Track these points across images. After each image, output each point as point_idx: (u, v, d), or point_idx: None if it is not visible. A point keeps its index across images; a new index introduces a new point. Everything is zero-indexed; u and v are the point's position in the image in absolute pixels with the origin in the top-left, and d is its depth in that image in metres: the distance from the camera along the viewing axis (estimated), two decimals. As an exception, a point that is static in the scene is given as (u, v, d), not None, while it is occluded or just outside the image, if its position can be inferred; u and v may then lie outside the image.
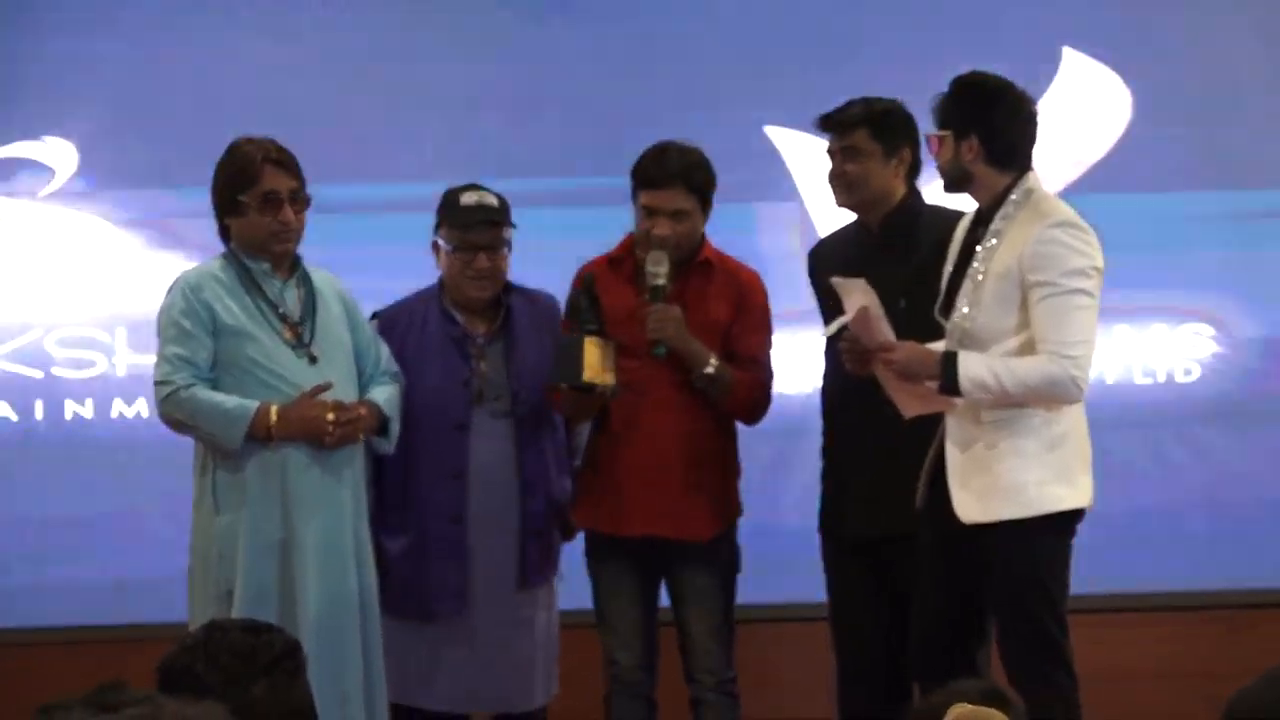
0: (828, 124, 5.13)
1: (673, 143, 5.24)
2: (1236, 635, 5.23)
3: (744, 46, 6.48)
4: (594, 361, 5.02)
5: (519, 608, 5.27)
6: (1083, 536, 4.83)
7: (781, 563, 5.82)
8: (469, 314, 5.30)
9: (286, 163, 4.96)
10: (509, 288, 5.33)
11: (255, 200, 4.92)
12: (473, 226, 5.23)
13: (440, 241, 5.30)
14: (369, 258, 6.02)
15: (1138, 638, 5.58)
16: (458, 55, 6.48)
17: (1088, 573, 4.94)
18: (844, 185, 5.10)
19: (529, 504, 5.25)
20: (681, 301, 5.18)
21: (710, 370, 5.11)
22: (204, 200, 5.13)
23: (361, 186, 6.31)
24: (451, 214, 5.27)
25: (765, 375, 5.28)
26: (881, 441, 5.03)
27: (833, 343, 5.13)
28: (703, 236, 5.30)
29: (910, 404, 4.81)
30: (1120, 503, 5.56)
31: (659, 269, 5.11)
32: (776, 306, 5.37)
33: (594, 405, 5.15)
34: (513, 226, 5.29)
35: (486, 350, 5.28)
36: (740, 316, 5.23)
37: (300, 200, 4.99)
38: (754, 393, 5.23)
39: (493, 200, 5.25)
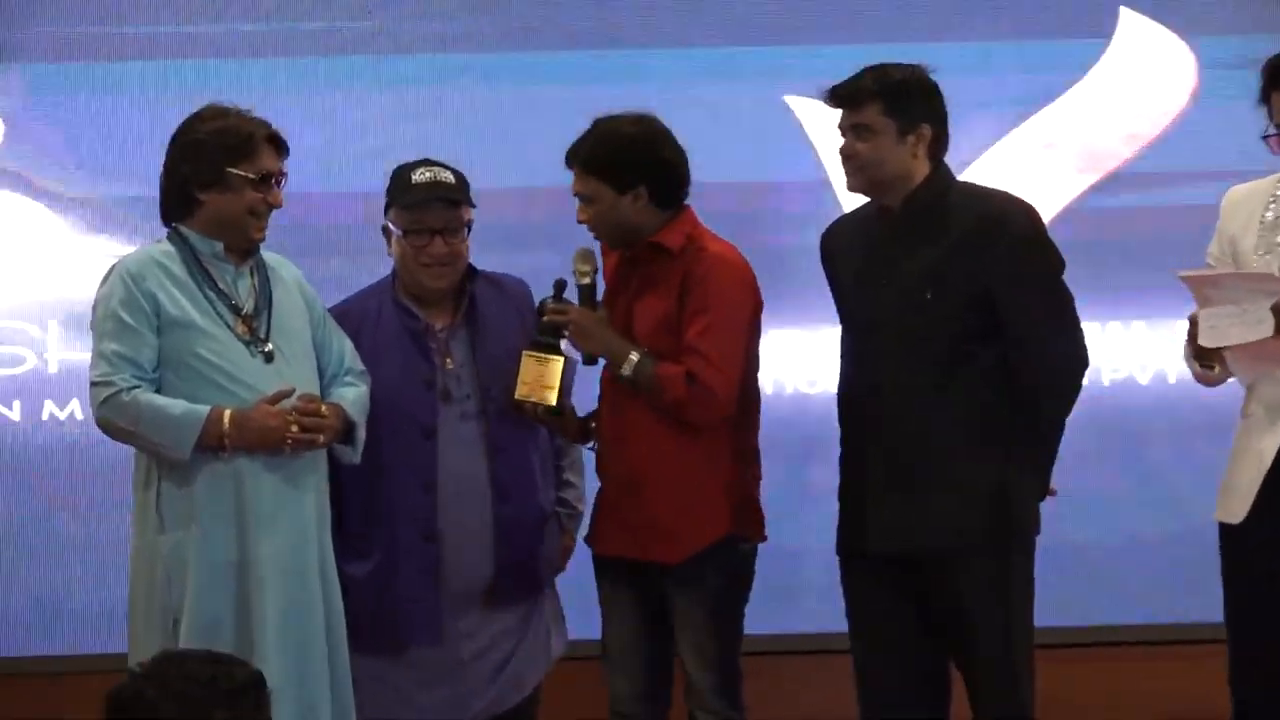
0: (836, 97, 4.85)
1: (600, 122, 5.01)
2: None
3: (762, 9, 6.36)
4: (528, 378, 4.89)
5: (503, 617, 5.03)
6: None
7: (800, 589, 5.71)
8: (427, 305, 5.02)
9: (280, 144, 4.83)
10: (472, 273, 5.05)
11: (252, 177, 4.75)
12: (426, 206, 4.95)
13: (391, 225, 5.01)
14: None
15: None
16: (454, 15, 6.42)
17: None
18: (855, 167, 4.84)
19: (504, 513, 4.96)
20: (625, 292, 5.00)
21: (625, 372, 4.90)
22: (144, 181, 4.97)
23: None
24: (401, 193, 4.99)
25: (701, 367, 4.87)
26: (910, 449, 4.78)
27: (851, 339, 4.91)
28: (674, 213, 5.01)
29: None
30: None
31: (581, 266, 4.99)
32: (794, 298, 5.21)
33: (550, 423, 5.02)
34: (473, 206, 5.01)
35: (450, 344, 5.00)
36: (684, 302, 4.92)
37: (281, 184, 4.86)
38: (677, 389, 4.87)
39: (449, 177, 5.00)
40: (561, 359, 4.92)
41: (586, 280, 4.96)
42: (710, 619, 4.94)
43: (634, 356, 4.88)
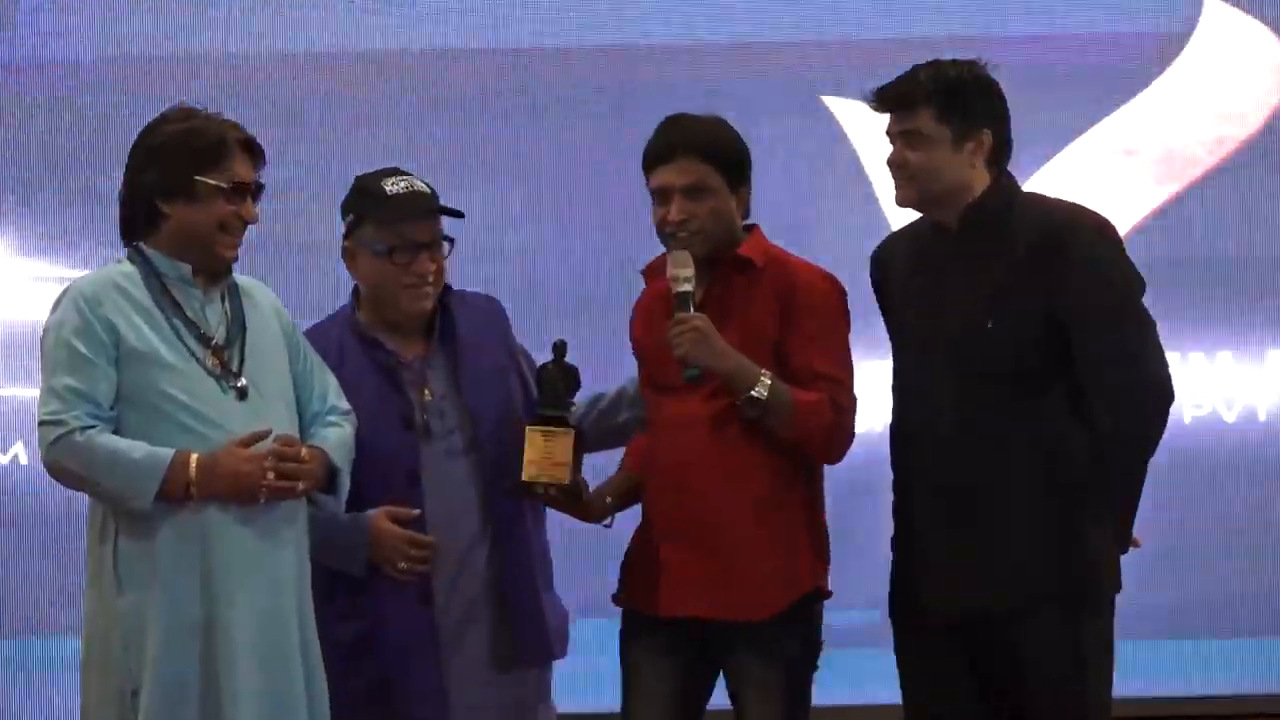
0: (884, 100, 4.61)
1: (684, 114, 4.75)
2: None
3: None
4: (536, 456, 4.68)
5: (509, 688, 4.75)
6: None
7: (845, 654, 5.36)
8: (395, 334, 4.81)
9: (256, 151, 4.63)
10: (445, 290, 4.90)
11: (224, 186, 4.54)
12: (410, 220, 4.74)
13: (367, 245, 4.77)
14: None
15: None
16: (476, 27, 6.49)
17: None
18: (905, 177, 4.59)
19: (508, 559, 4.74)
20: (716, 310, 4.65)
21: (759, 394, 4.53)
22: (92, 194, 4.99)
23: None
24: (376, 206, 4.76)
25: (840, 394, 4.63)
26: (967, 494, 4.53)
27: (903, 370, 4.69)
28: (744, 228, 4.77)
29: None
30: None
31: (682, 271, 4.57)
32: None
33: (565, 506, 4.78)
34: (460, 215, 4.80)
35: (427, 374, 4.78)
36: (790, 322, 4.64)
37: (258, 197, 4.66)
38: (825, 416, 4.58)
39: (423, 185, 4.81)
40: (572, 431, 4.69)
41: (688, 286, 4.56)
42: (784, 693, 4.66)
43: (765, 378, 4.56)
